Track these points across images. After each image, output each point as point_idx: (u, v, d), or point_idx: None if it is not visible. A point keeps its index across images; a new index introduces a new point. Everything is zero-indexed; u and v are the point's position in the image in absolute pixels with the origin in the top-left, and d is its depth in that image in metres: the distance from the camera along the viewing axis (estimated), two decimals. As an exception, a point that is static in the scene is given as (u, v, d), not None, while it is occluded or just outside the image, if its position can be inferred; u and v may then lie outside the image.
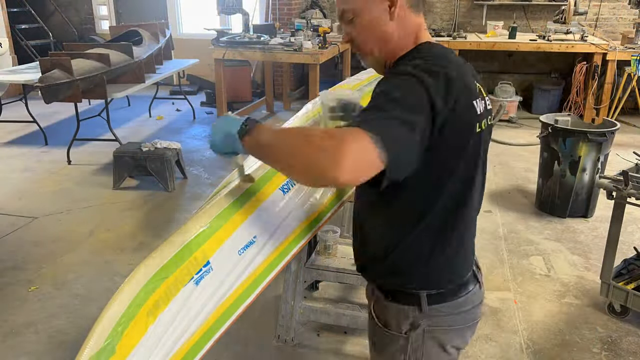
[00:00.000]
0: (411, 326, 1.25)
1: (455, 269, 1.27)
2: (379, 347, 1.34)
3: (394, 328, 1.28)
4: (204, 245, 1.31)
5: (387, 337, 1.30)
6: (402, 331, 1.27)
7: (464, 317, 1.29)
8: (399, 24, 1.20)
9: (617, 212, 2.66)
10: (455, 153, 1.15)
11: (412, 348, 1.27)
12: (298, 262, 2.52)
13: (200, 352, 1.26)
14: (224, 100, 5.67)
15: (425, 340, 1.26)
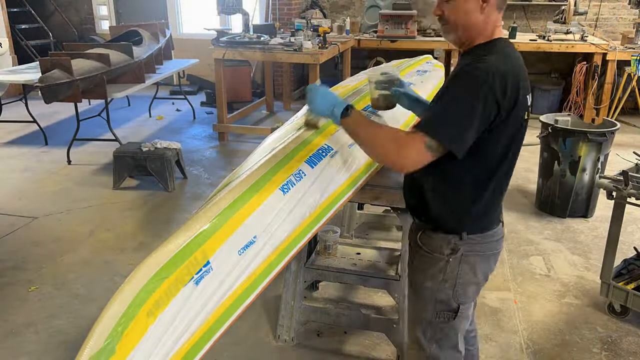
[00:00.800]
0: (452, 250, 1.58)
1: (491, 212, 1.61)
2: (420, 269, 1.65)
3: (437, 251, 1.60)
4: (204, 245, 1.31)
5: (430, 261, 1.61)
6: (445, 254, 1.59)
7: (490, 246, 1.62)
8: (485, 18, 1.47)
9: (617, 212, 2.66)
10: (510, 136, 1.49)
11: (450, 268, 1.59)
12: (298, 262, 2.52)
13: (200, 352, 1.26)
14: (224, 100, 5.67)
15: (462, 262, 1.58)
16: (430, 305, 1.64)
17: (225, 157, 5.32)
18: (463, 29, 1.49)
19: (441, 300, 1.62)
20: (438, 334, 1.66)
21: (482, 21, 1.47)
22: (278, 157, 1.69)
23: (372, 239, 3.64)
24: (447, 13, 1.49)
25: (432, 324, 1.65)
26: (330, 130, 1.90)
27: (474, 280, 1.62)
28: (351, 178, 1.86)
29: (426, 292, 1.64)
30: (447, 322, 1.64)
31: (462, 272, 1.59)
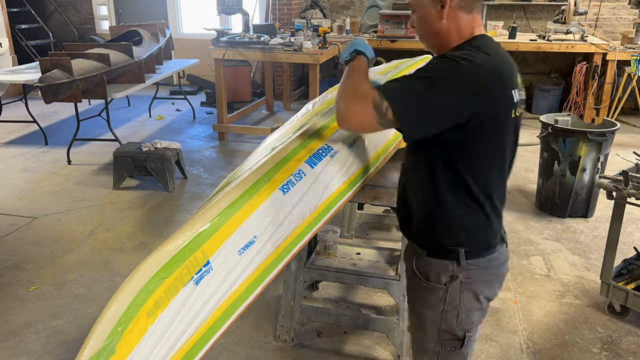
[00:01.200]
0: (450, 278, 1.44)
1: (488, 230, 1.47)
2: (418, 298, 1.53)
3: (434, 280, 1.47)
4: (204, 245, 1.31)
5: (427, 289, 1.49)
6: (442, 282, 1.45)
7: (494, 271, 1.50)
8: (450, 22, 1.38)
9: (617, 212, 2.66)
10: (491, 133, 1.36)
11: (451, 297, 1.46)
12: (298, 262, 2.52)
13: (200, 352, 1.26)
14: (224, 100, 5.67)
15: (462, 290, 1.46)
16: (434, 335, 1.52)
17: (225, 157, 5.32)
18: (429, 36, 1.44)
19: (445, 330, 1.50)
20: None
21: (447, 26, 1.38)
22: (278, 157, 1.69)
23: (372, 239, 3.64)
24: (415, 24, 1.46)
25: (439, 355, 1.54)
26: (332, 129, 1.90)
27: (478, 307, 1.50)
28: (351, 178, 1.86)
29: (427, 322, 1.52)
30: (454, 350, 1.52)
31: (464, 300, 1.47)
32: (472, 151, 1.37)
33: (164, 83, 7.68)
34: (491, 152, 1.40)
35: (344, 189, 1.82)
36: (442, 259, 1.46)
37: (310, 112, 2.23)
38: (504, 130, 1.39)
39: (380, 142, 2.06)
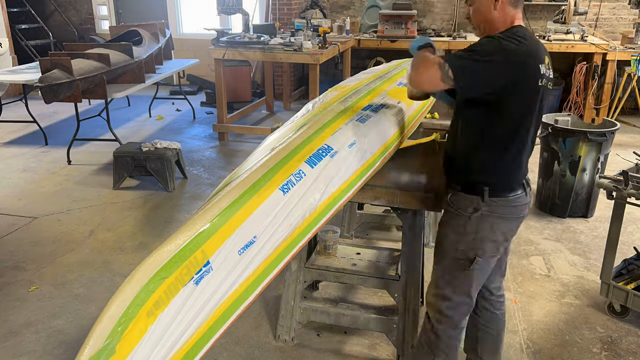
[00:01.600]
0: (474, 210, 1.84)
1: (511, 176, 1.86)
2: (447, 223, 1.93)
3: (462, 210, 1.87)
4: (204, 245, 1.31)
5: (455, 216, 1.89)
6: (468, 212, 1.85)
7: (511, 210, 1.85)
8: (499, 13, 1.79)
9: (617, 212, 2.66)
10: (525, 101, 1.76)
11: (471, 225, 1.85)
12: (298, 262, 2.52)
13: (200, 352, 1.26)
14: (224, 100, 5.67)
15: (482, 221, 1.84)
16: (451, 253, 1.90)
17: (225, 157, 5.32)
18: (483, 24, 1.84)
19: (461, 249, 1.87)
20: (454, 280, 1.92)
21: (498, 16, 1.79)
22: (278, 157, 1.69)
23: (372, 239, 3.64)
24: (471, 14, 1.87)
25: (449, 270, 1.92)
26: (332, 129, 1.91)
27: (492, 238, 1.86)
28: (351, 178, 1.86)
29: (448, 242, 1.91)
30: (463, 270, 1.88)
31: (481, 228, 1.84)
32: (506, 111, 1.75)
33: (164, 83, 7.68)
34: (521, 113, 1.77)
35: (344, 189, 1.82)
36: (471, 194, 1.85)
37: (310, 112, 2.23)
38: (531, 95, 1.77)
39: (380, 142, 2.06)
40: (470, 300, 1.95)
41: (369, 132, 2.00)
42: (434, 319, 1.98)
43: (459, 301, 1.93)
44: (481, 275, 1.93)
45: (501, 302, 2.17)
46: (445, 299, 1.94)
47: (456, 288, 1.92)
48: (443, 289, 1.94)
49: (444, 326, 1.96)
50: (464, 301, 1.93)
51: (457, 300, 1.93)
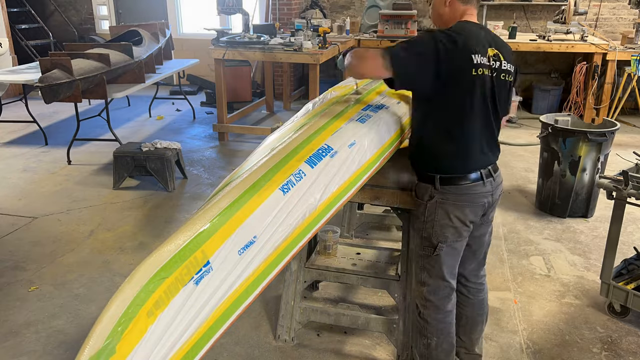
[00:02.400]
0: (430, 197, 1.98)
1: (460, 164, 1.95)
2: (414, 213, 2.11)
3: (420, 198, 2.03)
4: (204, 245, 1.31)
5: (418, 205, 2.06)
6: (425, 200, 2.00)
7: (464, 197, 1.95)
8: (449, 9, 1.97)
9: (617, 212, 2.66)
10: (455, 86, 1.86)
11: (429, 212, 1.99)
12: (298, 262, 2.52)
13: (200, 352, 1.26)
14: (224, 100, 5.67)
15: (437, 208, 1.97)
16: (418, 240, 2.07)
17: (225, 157, 5.32)
18: (437, 18, 2.04)
19: (425, 237, 2.03)
20: (426, 265, 2.06)
21: (448, 12, 1.98)
22: (278, 157, 1.69)
23: (372, 239, 3.64)
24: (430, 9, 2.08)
25: (421, 256, 2.08)
26: (332, 129, 1.91)
27: (450, 224, 1.98)
28: (351, 178, 1.86)
29: (415, 230, 2.09)
30: (430, 255, 2.03)
31: (438, 215, 1.98)
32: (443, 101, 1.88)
33: (164, 83, 7.68)
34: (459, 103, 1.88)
35: (344, 189, 1.82)
36: (425, 183, 2.00)
37: (310, 112, 2.23)
38: (467, 85, 1.86)
39: (380, 142, 2.06)
40: (447, 284, 2.06)
41: (369, 132, 2.00)
42: (420, 305, 2.12)
43: (436, 285, 2.06)
44: (450, 260, 2.04)
45: (478, 290, 2.24)
46: (424, 284, 2.09)
47: (430, 273, 2.06)
48: (420, 275, 2.09)
49: (429, 311, 2.09)
50: (440, 285, 2.06)
51: (434, 285, 2.06)
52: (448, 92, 1.86)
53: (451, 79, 1.84)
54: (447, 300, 2.08)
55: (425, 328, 2.11)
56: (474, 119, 1.91)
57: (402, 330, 2.42)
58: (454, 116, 1.90)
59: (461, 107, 1.88)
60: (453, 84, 1.85)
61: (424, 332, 2.12)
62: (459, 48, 1.82)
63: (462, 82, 1.85)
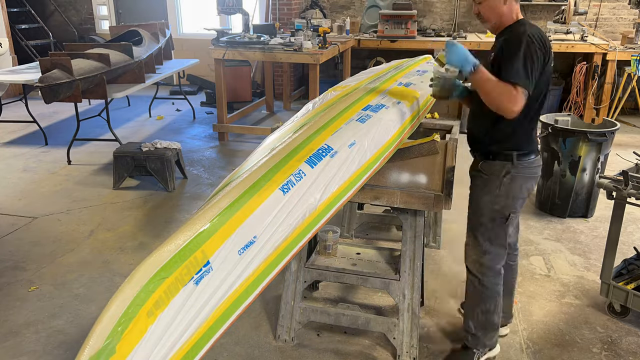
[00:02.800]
0: (506, 173, 2.18)
1: (531, 142, 2.22)
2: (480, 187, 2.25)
3: (495, 175, 2.20)
4: (204, 245, 1.31)
5: (490, 181, 2.21)
6: (501, 176, 2.19)
7: (533, 170, 2.23)
8: (507, 8, 2.12)
9: (617, 212, 2.66)
10: (547, 79, 2.12)
11: (505, 186, 2.19)
12: (298, 262, 2.52)
13: (200, 352, 1.26)
14: (224, 100, 5.67)
15: (512, 181, 2.18)
16: (488, 212, 2.23)
17: (225, 157, 5.32)
18: (495, 18, 2.14)
19: (497, 209, 2.21)
20: (492, 235, 2.24)
21: (507, 10, 2.12)
22: (278, 157, 1.69)
23: (372, 239, 3.64)
24: (482, 11, 2.15)
25: (487, 227, 2.24)
26: (332, 129, 1.91)
27: (521, 195, 2.22)
28: (351, 178, 1.86)
29: (484, 204, 2.23)
30: (500, 225, 2.23)
31: (512, 188, 2.19)
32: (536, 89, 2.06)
33: (164, 83, 7.68)
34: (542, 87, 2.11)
35: (344, 189, 1.82)
36: (501, 161, 2.18)
37: (310, 112, 2.23)
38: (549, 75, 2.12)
39: (380, 142, 2.06)
40: (505, 250, 2.29)
41: (369, 132, 2.00)
42: (479, 273, 2.30)
43: (497, 252, 2.27)
44: (511, 229, 2.30)
45: (516, 255, 2.55)
46: (486, 253, 2.27)
47: (494, 241, 2.25)
48: (482, 245, 2.26)
49: (489, 277, 2.28)
50: (501, 252, 2.28)
51: (495, 252, 2.26)
52: (540, 84, 2.07)
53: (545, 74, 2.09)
54: (502, 264, 2.32)
55: (485, 294, 2.30)
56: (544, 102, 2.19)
57: (402, 330, 2.42)
58: (539, 103, 2.14)
59: (541, 92, 2.13)
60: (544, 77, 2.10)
61: (483, 299, 2.31)
62: (547, 48, 2.06)
63: (547, 74, 2.11)
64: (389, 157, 2.18)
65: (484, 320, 2.33)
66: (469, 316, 2.37)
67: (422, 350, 2.51)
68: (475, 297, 2.33)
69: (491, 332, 2.37)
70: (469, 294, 2.37)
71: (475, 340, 2.37)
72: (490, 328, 2.35)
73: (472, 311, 2.35)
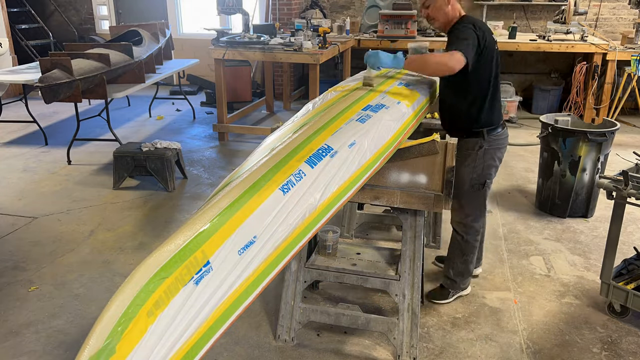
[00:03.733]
0: (479, 147, 2.63)
1: (497, 116, 2.67)
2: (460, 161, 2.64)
3: (470, 149, 2.64)
4: (204, 245, 1.31)
5: (467, 156, 2.65)
6: (475, 150, 2.64)
7: (501, 141, 2.69)
8: (451, 7, 2.57)
9: (617, 212, 2.66)
10: (491, 60, 2.54)
11: (479, 157, 2.64)
12: (298, 262, 2.52)
13: (200, 352, 1.26)
14: (224, 100, 5.67)
15: (485, 153, 2.64)
16: (467, 181, 2.68)
17: (225, 157, 5.32)
18: (441, 17, 2.61)
19: (475, 178, 2.67)
20: (473, 199, 2.71)
21: (450, 9, 2.58)
22: (278, 157, 1.69)
23: (372, 239, 3.64)
24: (430, 13, 2.63)
25: (468, 193, 2.70)
26: (332, 129, 1.91)
27: (494, 164, 2.69)
28: (351, 178, 1.86)
29: (464, 175, 2.67)
30: (478, 191, 2.70)
31: (486, 159, 2.65)
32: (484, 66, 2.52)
33: (164, 83, 7.69)
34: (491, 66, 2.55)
35: (344, 189, 1.82)
36: (474, 138, 2.63)
37: (310, 112, 2.23)
38: (495, 54, 2.57)
39: (380, 142, 2.06)
40: (483, 212, 2.80)
41: (369, 132, 2.00)
42: (462, 232, 2.78)
43: (478, 214, 2.77)
44: (488, 192, 2.75)
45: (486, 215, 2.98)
46: (469, 215, 2.74)
47: (475, 205, 2.73)
48: (466, 208, 2.73)
49: (471, 235, 2.78)
50: (481, 213, 2.79)
51: (476, 214, 2.76)
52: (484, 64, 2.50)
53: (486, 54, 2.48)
54: (481, 223, 2.82)
55: (466, 248, 2.80)
56: (497, 82, 2.63)
57: (402, 330, 2.42)
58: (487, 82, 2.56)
59: (490, 73, 2.56)
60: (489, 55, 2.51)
61: (464, 252, 2.81)
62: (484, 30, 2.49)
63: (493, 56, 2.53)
64: (389, 157, 2.18)
65: (463, 268, 2.84)
66: (450, 265, 2.87)
67: (422, 350, 2.51)
68: (458, 251, 2.82)
69: (466, 277, 2.90)
70: (452, 248, 2.86)
71: (452, 284, 2.89)
72: (466, 274, 2.87)
73: (453, 261, 2.85)
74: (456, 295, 2.91)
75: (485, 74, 2.53)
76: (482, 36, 2.45)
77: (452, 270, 2.84)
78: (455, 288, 2.89)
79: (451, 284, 2.88)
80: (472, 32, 2.43)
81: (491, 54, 2.52)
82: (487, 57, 2.50)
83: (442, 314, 2.80)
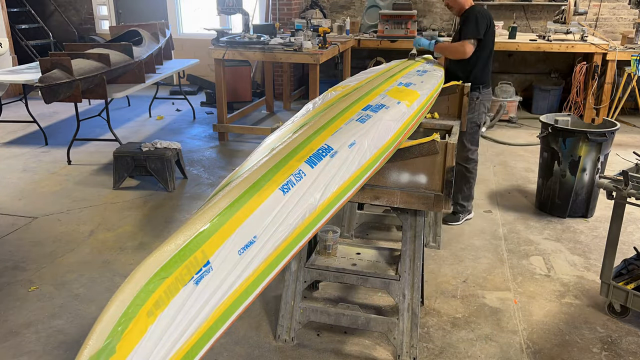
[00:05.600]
0: (477, 99, 3.59)
1: (488, 78, 3.65)
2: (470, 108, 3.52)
3: (471, 99, 3.51)
4: (204, 245, 1.31)
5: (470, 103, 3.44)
6: (474, 99, 3.58)
7: (489, 95, 3.72)
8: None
9: (617, 212, 2.66)
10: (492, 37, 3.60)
11: (476, 106, 3.61)
12: (298, 262, 2.52)
13: (200, 352, 1.26)
14: (224, 100, 5.67)
15: (480, 102, 3.63)
16: (469, 124, 3.56)
17: (225, 157, 5.32)
18: (458, 7, 3.59)
19: (474, 121, 3.62)
20: (472, 138, 3.65)
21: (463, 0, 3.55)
22: (278, 157, 1.69)
23: (372, 239, 3.64)
24: (449, 2, 3.62)
25: (469, 133, 3.62)
26: (332, 129, 1.91)
27: (484, 111, 3.66)
28: (351, 178, 1.86)
29: (468, 117, 3.47)
30: (476, 131, 3.65)
31: (480, 106, 3.63)
32: (486, 43, 3.52)
33: (164, 83, 7.69)
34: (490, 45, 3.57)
35: (344, 189, 1.82)
36: (474, 91, 3.53)
37: (311, 112, 2.23)
38: (493, 35, 3.60)
39: (380, 142, 2.06)
40: (478, 147, 3.73)
41: (369, 132, 2.00)
42: (465, 163, 3.68)
43: (475, 148, 3.70)
44: (480, 132, 3.70)
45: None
46: (469, 150, 3.66)
47: (473, 141, 3.67)
48: (466, 145, 3.64)
49: (472, 165, 3.71)
50: (477, 148, 3.72)
51: (474, 148, 3.69)
52: (487, 41, 3.51)
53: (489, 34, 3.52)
54: (477, 156, 3.72)
55: (471, 176, 3.73)
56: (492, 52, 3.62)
57: (402, 330, 2.42)
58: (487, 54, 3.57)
59: (489, 47, 3.57)
60: (491, 33, 3.53)
61: (469, 179, 3.73)
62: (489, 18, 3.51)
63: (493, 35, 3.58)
64: (389, 157, 2.18)
65: (468, 193, 3.76)
66: (458, 192, 3.72)
67: (422, 350, 2.51)
68: (464, 179, 3.72)
69: (470, 201, 3.80)
70: (459, 179, 3.69)
71: (462, 208, 3.77)
72: (470, 199, 3.80)
73: (460, 188, 3.72)
74: (464, 218, 3.81)
75: (487, 46, 3.53)
76: (488, 21, 3.48)
77: (460, 195, 3.73)
78: (464, 212, 3.79)
79: (461, 208, 3.77)
80: (481, 19, 3.44)
81: (491, 35, 3.55)
82: (487, 37, 3.50)
83: (442, 314, 2.80)
